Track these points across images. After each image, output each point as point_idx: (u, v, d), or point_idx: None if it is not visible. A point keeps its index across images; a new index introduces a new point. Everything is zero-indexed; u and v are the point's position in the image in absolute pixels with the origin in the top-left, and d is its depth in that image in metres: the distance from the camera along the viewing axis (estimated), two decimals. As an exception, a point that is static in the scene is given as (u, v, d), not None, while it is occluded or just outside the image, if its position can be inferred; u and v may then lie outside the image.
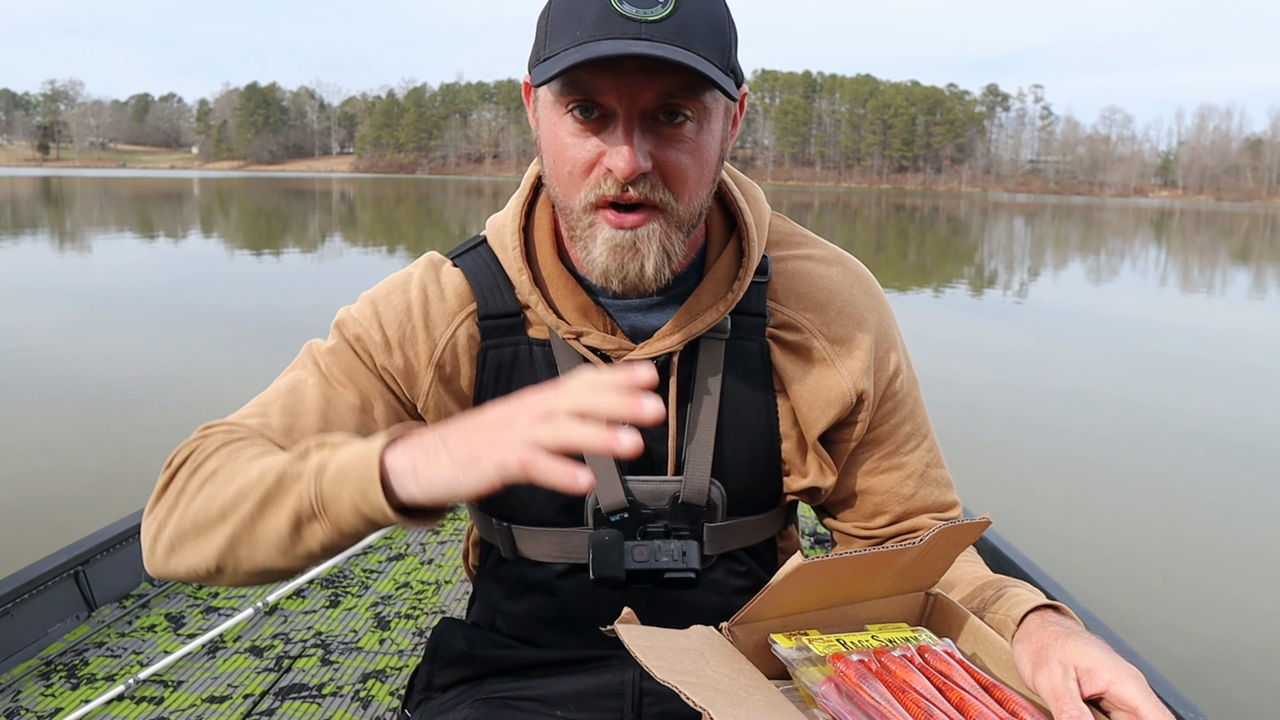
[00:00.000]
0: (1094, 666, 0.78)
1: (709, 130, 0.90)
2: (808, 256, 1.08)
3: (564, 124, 0.88)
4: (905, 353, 1.12)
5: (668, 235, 0.91)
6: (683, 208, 0.91)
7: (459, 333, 1.02)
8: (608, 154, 0.87)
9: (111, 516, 2.76)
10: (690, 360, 1.02)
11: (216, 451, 0.91)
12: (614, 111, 0.86)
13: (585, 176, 0.89)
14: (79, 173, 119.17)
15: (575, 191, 0.90)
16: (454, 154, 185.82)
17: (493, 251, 1.05)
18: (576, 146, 0.88)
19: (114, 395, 6.44)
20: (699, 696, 0.68)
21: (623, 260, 0.90)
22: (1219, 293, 15.70)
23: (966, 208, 65.77)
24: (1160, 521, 4.63)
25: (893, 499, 1.10)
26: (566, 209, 0.93)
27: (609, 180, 0.87)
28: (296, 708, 2.10)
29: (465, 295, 1.03)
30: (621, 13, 0.82)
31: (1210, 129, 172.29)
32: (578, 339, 1.00)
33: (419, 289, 1.03)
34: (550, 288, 1.01)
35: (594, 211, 0.90)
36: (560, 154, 0.89)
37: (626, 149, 0.85)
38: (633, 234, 0.89)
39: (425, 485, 0.75)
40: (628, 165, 0.85)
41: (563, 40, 0.84)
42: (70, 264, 15.01)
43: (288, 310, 10.67)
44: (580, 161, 0.88)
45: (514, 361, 1.02)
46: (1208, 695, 2.91)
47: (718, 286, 1.01)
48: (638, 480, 1.03)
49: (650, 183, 0.88)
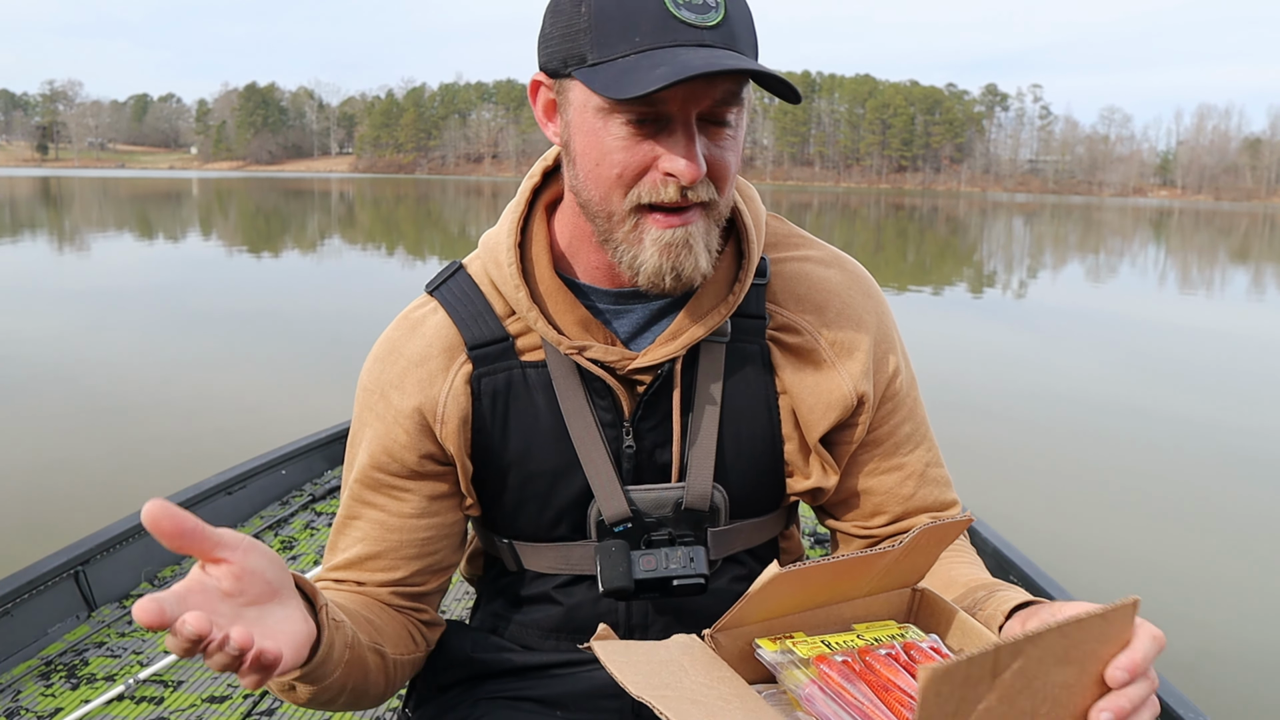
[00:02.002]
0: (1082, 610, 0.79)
1: (742, 127, 0.91)
2: (806, 258, 1.07)
3: (612, 127, 0.87)
4: (904, 353, 1.12)
5: (709, 232, 0.92)
6: (723, 203, 0.92)
7: (455, 382, 1.02)
8: (664, 159, 0.86)
9: (111, 516, 2.76)
10: (691, 365, 1.02)
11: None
12: (669, 116, 0.85)
13: (636, 180, 0.88)
14: (78, 173, 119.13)
15: (620, 195, 0.89)
16: (453, 154, 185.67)
17: (471, 279, 1.04)
18: (628, 150, 0.87)
19: (114, 395, 6.44)
20: (672, 711, 0.67)
21: (677, 259, 0.90)
22: (1218, 292, 15.71)
23: (965, 207, 65.77)
24: (1160, 521, 4.64)
25: (892, 499, 1.10)
26: (604, 213, 0.91)
27: (670, 185, 0.87)
28: (297, 708, 2.10)
29: (450, 337, 1.02)
30: (680, 18, 0.82)
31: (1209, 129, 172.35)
32: (580, 353, 0.99)
33: (404, 359, 1.03)
34: (549, 302, 1.00)
35: (639, 214, 0.89)
36: (606, 157, 0.88)
37: (692, 155, 0.85)
38: (684, 231, 0.89)
39: None
40: (693, 172, 0.85)
41: (619, 45, 0.83)
42: (69, 264, 15.00)
43: (287, 311, 10.67)
44: (632, 165, 0.87)
45: (508, 387, 1.01)
46: (1208, 695, 2.91)
47: (718, 289, 1.00)
48: (639, 489, 1.02)
49: (703, 183, 0.88)
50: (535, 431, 1.01)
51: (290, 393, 6.78)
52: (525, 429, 1.02)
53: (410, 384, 1.01)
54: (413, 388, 1.01)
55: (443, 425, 1.01)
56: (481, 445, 1.02)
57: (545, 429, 1.01)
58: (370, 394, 1.05)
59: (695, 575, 1.00)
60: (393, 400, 1.02)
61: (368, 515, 1.05)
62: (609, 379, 0.99)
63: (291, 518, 3.18)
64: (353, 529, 1.06)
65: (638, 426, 1.02)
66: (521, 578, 1.10)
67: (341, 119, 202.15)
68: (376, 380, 1.04)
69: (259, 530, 3.04)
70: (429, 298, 1.06)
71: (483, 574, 1.21)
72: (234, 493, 3.12)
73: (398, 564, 1.05)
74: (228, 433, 5.53)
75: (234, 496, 3.12)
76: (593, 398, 1.01)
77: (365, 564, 1.05)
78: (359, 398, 1.06)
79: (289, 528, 3.12)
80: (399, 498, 1.04)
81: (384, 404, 1.03)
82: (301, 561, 2.89)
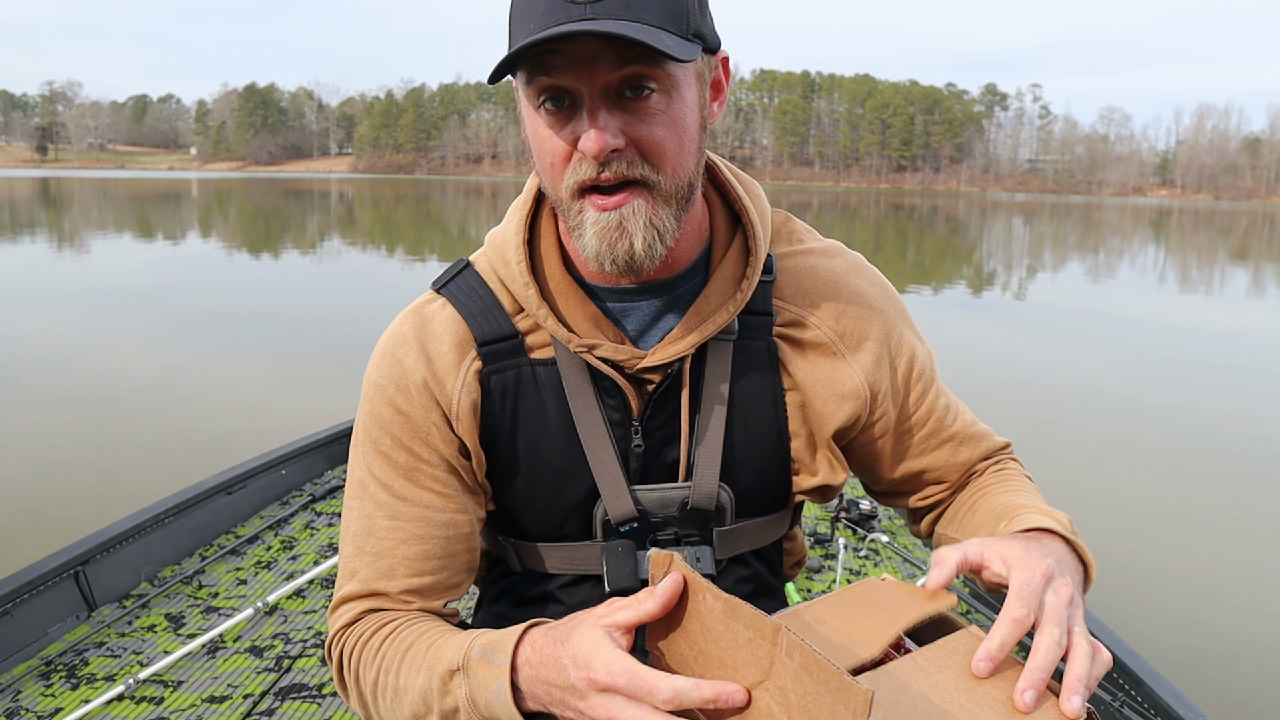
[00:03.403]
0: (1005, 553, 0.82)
1: (680, 99, 0.88)
2: (809, 251, 1.08)
3: (539, 117, 0.88)
4: (915, 331, 1.13)
5: (655, 211, 0.89)
6: (667, 181, 0.89)
7: (467, 376, 1.01)
8: (580, 138, 0.86)
9: (111, 516, 2.77)
10: (699, 363, 1.01)
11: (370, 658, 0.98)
12: (580, 94, 0.86)
13: (565, 165, 0.89)
14: (77, 174, 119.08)
15: (559, 181, 0.90)
16: (453, 154, 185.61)
17: (479, 276, 1.04)
18: (552, 137, 0.88)
19: (114, 395, 6.43)
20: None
21: (611, 241, 0.89)
22: (1217, 291, 15.70)
23: (965, 207, 65.76)
24: (1159, 520, 4.64)
25: (951, 468, 1.14)
26: (557, 201, 0.92)
27: (585, 164, 0.87)
28: (296, 708, 2.10)
29: (461, 333, 1.01)
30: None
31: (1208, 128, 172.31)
32: (589, 352, 0.98)
33: (416, 350, 1.01)
34: (559, 300, 0.99)
35: (579, 198, 0.90)
36: (540, 146, 0.90)
37: (592, 129, 0.85)
38: (617, 214, 0.88)
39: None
40: (595, 144, 0.84)
41: (520, 36, 0.84)
42: (69, 265, 14.99)
43: (287, 311, 10.67)
44: (558, 151, 0.88)
45: (518, 384, 1.01)
46: (1208, 695, 2.91)
47: (725, 286, 1.00)
48: (645, 489, 1.02)
49: (627, 160, 0.87)
50: (544, 430, 1.01)
51: (290, 393, 6.78)
52: (534, 427, 1.01)
53: (428, 377, 1.00)
54: (430, 380, 1.00)
55: (459, 421, 1.00)
56: (490, 442, 1.02)
57: (554, 427, 1.01)
58: (384, 389, 1.01)
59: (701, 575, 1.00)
60: (413, 393, 1.00)
61: (409, 513, 1.00)
62: (618, 378, 0.99)
63: (291, 518, 3.18)
64: (392, 531, 1.00)
65: (646, 426, 1.01)
66: (525, 578, 1.10)
67: (341, 119, 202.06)
68: (390, 374, 1.01)
69: (259, 530, 3.04)
70: (436, 294, 1.05)
71: (485, 574, 1.20)
72: (234, 493, 3.12)
73: (445, 563, 1.02)
74: (228, 433, 5.52)
75: (234, 496, 3.12)
76: (602, 396, 1.01)
77: (420, 565, 1.00)
78: (371, 394, 1.02)
79: (289, 528, 3.12)
80: (442, 493, 1.01)
81: (404, 397, 1.00)
82: (301, 561, 2.89)
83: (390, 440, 1.00)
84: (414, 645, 0.94)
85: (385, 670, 0.95)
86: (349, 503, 1.04)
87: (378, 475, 1.01)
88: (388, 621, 0.99)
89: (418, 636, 0.95)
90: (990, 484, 1.09)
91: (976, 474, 1.14)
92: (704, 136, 0.94)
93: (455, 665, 0.88)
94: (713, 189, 1.05)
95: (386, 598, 1.01)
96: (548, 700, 0.80)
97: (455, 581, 1.04)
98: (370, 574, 1.01)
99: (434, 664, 0.90)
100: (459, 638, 0.91)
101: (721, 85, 0.96)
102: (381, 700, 0.96)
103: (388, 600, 1.01)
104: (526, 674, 0.82)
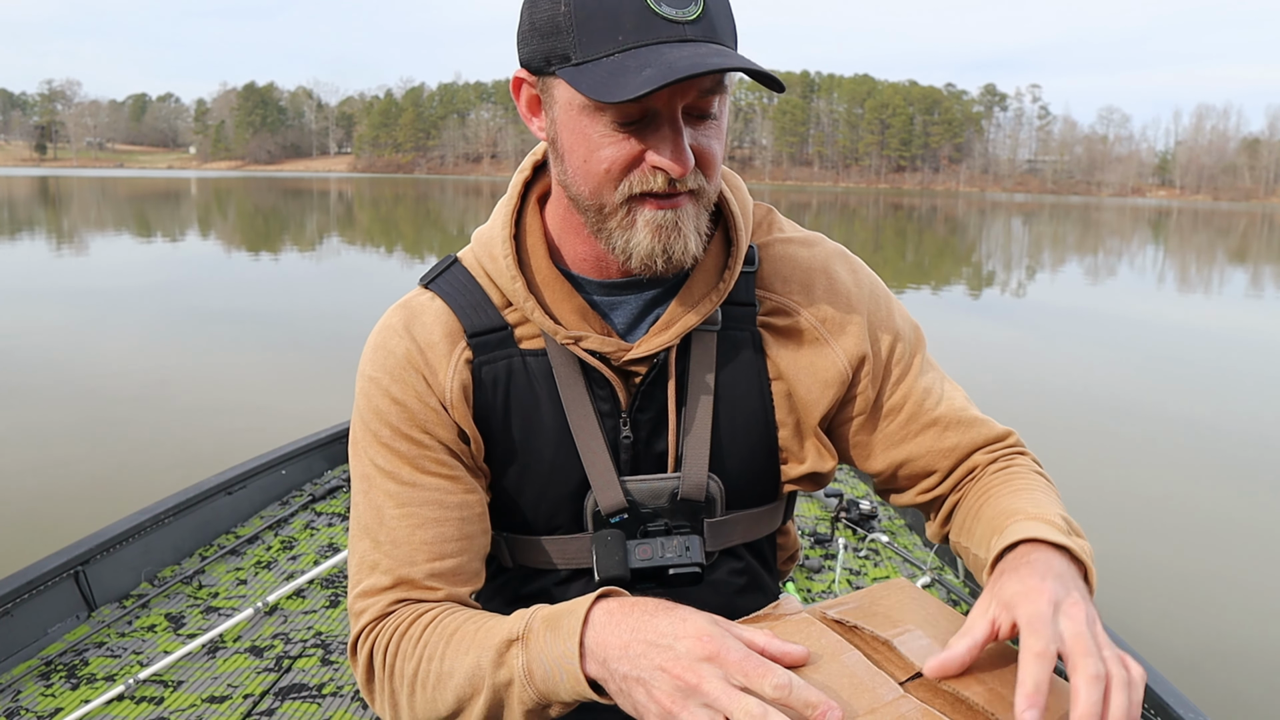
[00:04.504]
0: (1004, 597, 0.80)
1: (725, 114, 0.92)
2: (788, 240, 1.09)
3: (599, 125, 0.87)
4: (902, 312, 1.12)
5: (699, 216, 0.93)
6: (711, 189, 0.93)
7: (458, 364, 1.01)
8: (653, 154, 0.87)
9: (111, 516, 2.76)
10: (685, 355, 1.02)
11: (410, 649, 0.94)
12: (656, 111, 0.86)
13: (625, 174, 0.89)
14: (76, 173, 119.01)
15: (611, 188, 0.90)
16: (452, 154, 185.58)
17: (466, 271, 1.04)
18: (616, 145, 0.87)
19: (114, 395, 6.43)
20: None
21: (668, 240, 0.90)
22: (1216, 292, 15.71)
23: (964, 207, 65.77)
24: (1159, 520, 4.64)
25: (938, 455, 1.09)
26: (596, 205, 0.92)
27: (658, 177, 0.88)
28: (296, 708, 2.10)
29: (451, 324, 1.02)
30: (661, 14, 0.82)
31: (1207, 129, 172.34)
32: (576, 343, 0.99)
33: (408, 340, 1.01)
34: (546, 293, 1.00)
35: (632, 203, 0.90)
36: (594, 154, 0.89)
37: (680, 150, 0.86)
38: (675, 213, 0.90)
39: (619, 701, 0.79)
40: (683, 166, 0.86)
41: (602, 44, 0.83)
42: (68, 264, 14.98)
43: (287, 310, 10.67)
44: (620, 160, 0.88)
45: (509, 375, 1.01)
46: (1208, 695, 2.91)
47: (708, 277, 1.01)
48: (635, 480, 1.03)
49: (693, 173, 0.89)
50: (536, 419, 1.02)
51: (290, 393, 6.78)
52: (526, 416, 1.02)
53: (421, 365, 1.00)
54: (424, 368, 1.00)
55: (453, 408, 1.00)
56: (485, 430, 1.02)
57: (545, 417, 1.02)
58: (378, 380, 1.01)
59: (691, 564, 1.00)
60: (408, 382, 1.00)
61: (420, 498, 0.99)
62: (605, 370, 1.00)
63: (291, 518, 3.18)
64: (405, 518, 0.98)
65: (635, 418, 1.02)
66: (517, 575, 1.10)
67: (340, 119, 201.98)
68: (382, 365, 1.01)
69: (259, 530, 3.04)
70: (424, 289, 1.05)
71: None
72: (234, 493, 3.12)
73: (464, 545, 1.00)
74: (228, 433, 5.52)
75: (234, 496, 3.12)
76: (592, 388, 1.01)
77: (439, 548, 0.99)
78: (366, 388, 1.02)
79: (289, 528, 3.12)
80: (450, 475, 1.00)
81: (399, 386, 1.00)
82: (301, 561, 2.89)
83: (390, 430, 1.00)
84: (461, 628, 0.92)
85: (428, 658, 0.91)
86: (356, 499, 1.03)
87: (382, 466, 1.00)
88: (425, 611, 0.96)
89: (464, 621, 0.93)
90: (993, 486, 1.06)
91: (979, 469, 1.10)
92: None
93: (515, 634, 0.85)
94: None
95: (413, 585, 0.98)
96: (620, 655, 0.77)
97: (476, 568, 1.02)
98: (392, 563, 0.98)
99: (486, 640, 0.87)
100: (516, 613, 0.89)
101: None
102: (421, 691, 0.91)
103: (415, 589, 0.98)
104: (597, 634, 0.79)
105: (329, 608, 2.59)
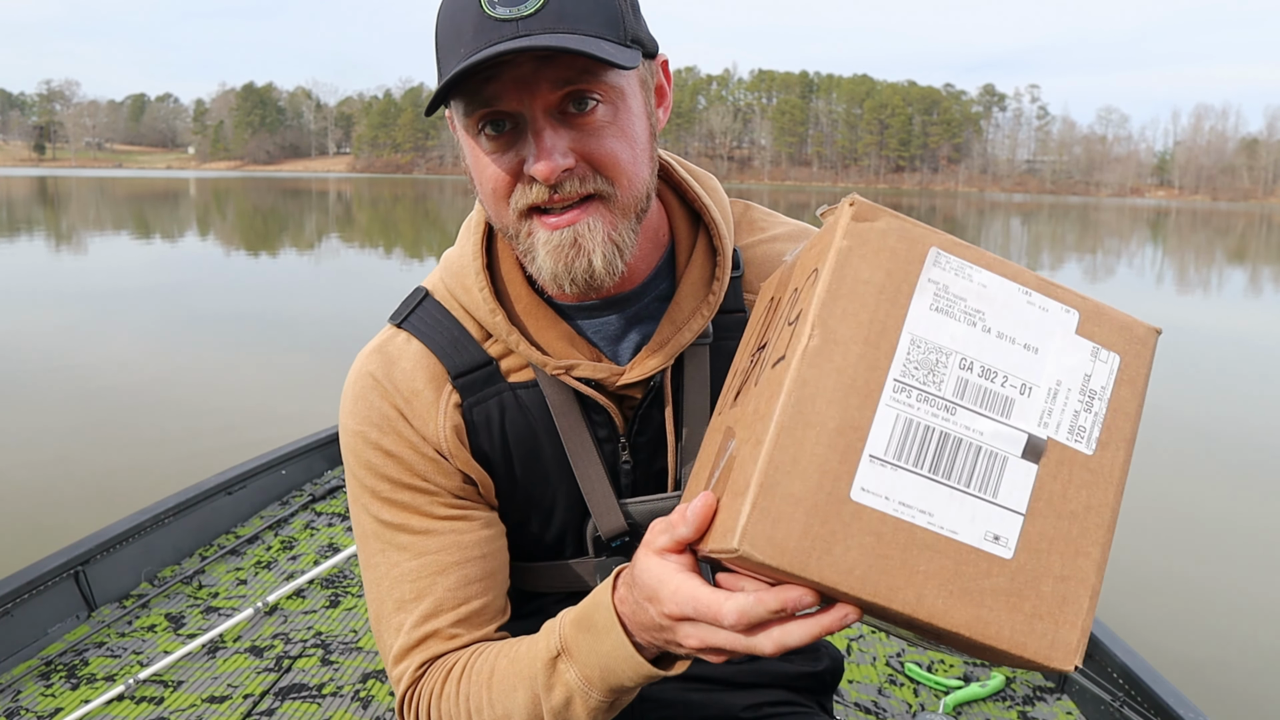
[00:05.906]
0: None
1: (626, 109, 0.86)
2: (774, 238, 1.05)
3: (480, 144, 0.86)
4: None
5: (614, 225, 0.87)
6: (623, 194, 0.86)
7: (448, 410, 0.97)
8: (526, 161, 0.84)
9: (111, 516, 2.76)
10: (678, 372, 0.99)
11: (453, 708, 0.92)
12: (521, 117, 0.83)
13: (509, 190, 0.86)
14: (75, 173, 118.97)
15: (504, 207, 0.87)
16: (451, 154, 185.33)
17: (439, 305, 0.99)
18: (495, 162, 0.85)
19: (114, 395, 6.43)
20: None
21: (568, 260, 0.86)
22: (1215, 292, 15.72)
23: (963, 207, 65.78)
24: (1159, 520, 4.64)
25: None
26: (503, 228, 0.90)
27: (535, 187, 0.84)
28: (296, 708, 2.10)
29: (432, 367, 0.97)
30: (495, 16, 0.79)
31: (1206, 129, 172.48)
32: (567, 373, 0.95)
33: (390, 390, 0.97)
34: (528, 322, 0.96)
35: (528, 219, 0.87)
36: (482, 174, 0.87)
37: (541, 152, 0.82)
38: (571, 231, 0.85)
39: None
40: (546, 169, 0.82)
41: (451, 61, 0.81)
42: (67, 265, 14.98)
43: (286, 310, 10.66)
44: (502, 177, 0.85)
45: (502, 413, 0.97)
46: (1208, 696, 2.92)
47: (695, 290, 0.98)
48: (636, 502, 1.01)
49: (579, 177, 0.84)
50: (535, 453, 0.99)
51: (290, 393, 6.77)
52: (525, 455, 0.99)
53: (409, 417, 0.96)
54: (413, 420, 0.96)
55: (452, 456, 0.97)
56: (487, 472, 1.00)
57: (544, 452, 0.99)
58: (365, 434, 0.97)
59: None
60: (401, 432, 0.96)
61: (435, 544, 0.96)
62: (599, 397, 0.97)
63: (291, 518, 3.18)
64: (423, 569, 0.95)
65: (634, 441, 1.00)
66: (519, 597, 1.09)
67: (339, 119, 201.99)
68: (366, 418, 0.97)
69: (259, 530, 3.04)
70: (397, 329, 1.00)
71: None
72: (234, 493, 3.12)
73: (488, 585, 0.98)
74: (228, 433, 5.52)
75: (234, 496, 3.12)
76: (588, 414, 0.98)
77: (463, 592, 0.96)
78: (353, 443, 0.98)
79: (289, 528, 3.12)
80: (461, 515, 0.97)
81: (390, 439, 0.96)
82: (301, 561, 2.89)
83: (389, 485, 0.96)
84: (495, 669, 0.90)
85: (476, 710, 0.90)
86: (367, 560, 0.98)
87: (389, 521, 0.96)
88: (453, 665, 0.93)
89: (495, 658, 0.91)
90: None
91: None
92: (654, 144, 0.92)
93: (554, 651, 0.84)
94: (669, 190, 1.02)
95: (438, 637, 0.94)
96: (656, 641, 0.77)
97: (501, 605, 1.00)
98: (415, 619, 0.95)
99: (527, 670, 0.86)
100: (538, 634, 0.87)
101: (664, 90, 0.94)
102: None
103: (439, 640, 0.94)
104: (629, 624, 0.79)
105: (329, 608, 2.58)
